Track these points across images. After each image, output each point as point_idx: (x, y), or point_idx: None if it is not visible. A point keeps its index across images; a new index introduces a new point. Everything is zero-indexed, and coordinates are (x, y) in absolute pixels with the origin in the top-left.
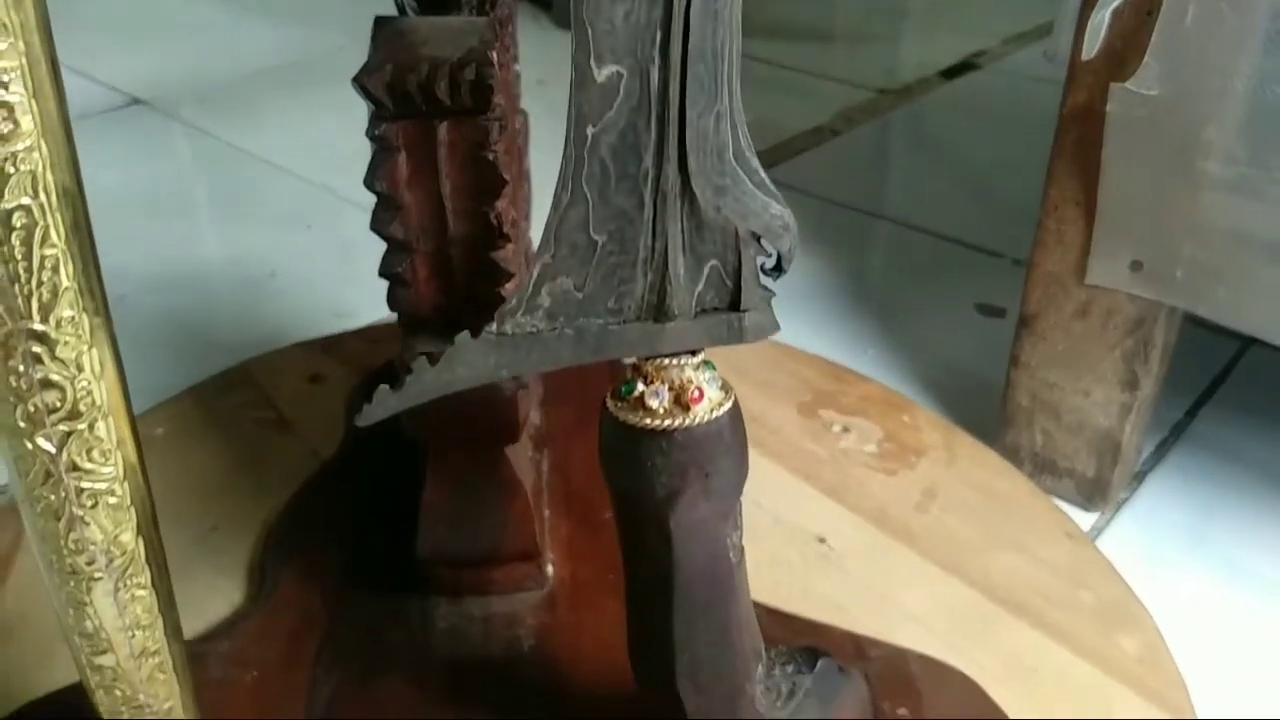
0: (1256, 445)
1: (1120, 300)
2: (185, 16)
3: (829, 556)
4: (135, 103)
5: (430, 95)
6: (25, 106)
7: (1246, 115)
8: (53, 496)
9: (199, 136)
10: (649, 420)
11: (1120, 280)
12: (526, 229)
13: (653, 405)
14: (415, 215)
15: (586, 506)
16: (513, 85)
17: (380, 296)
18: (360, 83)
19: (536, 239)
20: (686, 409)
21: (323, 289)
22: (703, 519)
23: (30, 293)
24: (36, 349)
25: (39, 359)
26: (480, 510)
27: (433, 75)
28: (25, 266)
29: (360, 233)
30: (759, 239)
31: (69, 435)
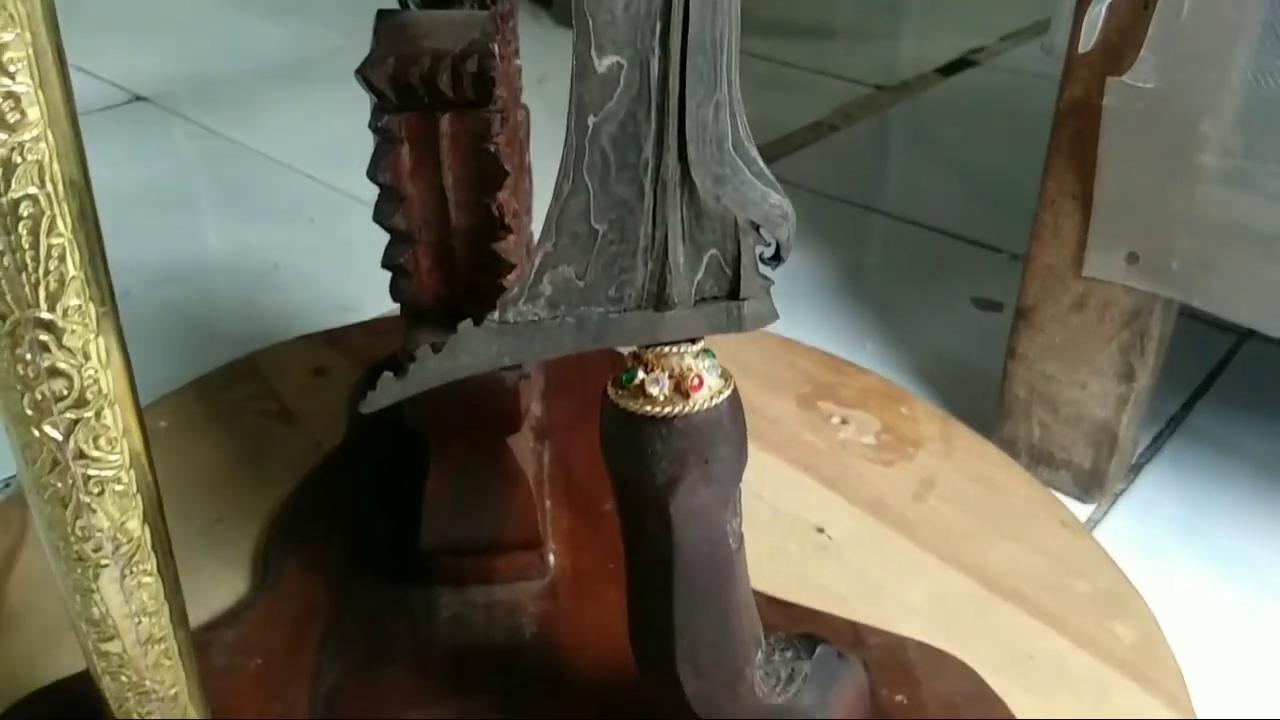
0: (1252, 438)
1: (1116, 292)
2: (187, 14)
3: (827, 547)
4: (137, 99)
5: (432, 87)
6: (32, 97)
7: (1242, 108)
8: (60, 484)
9: (201, 133)
10: (649, 407)
11: (1117, 272)
12: (528, 222)
13: (653, 393)
14: (418, 207)
15: (587, 498)
16: (514, 78)
17: (383, 290)
18: (363, 75)
19: (537, 233)
20: (686, 396)
21: (325, 283)
22: (703, 505)
23: (37, 281)
24: (43, 337)
25: (46, 347)
26: (483, 499)
27: (435, 67)
28: (32, 256)
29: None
30: (758, 228)
31: (76, 423)
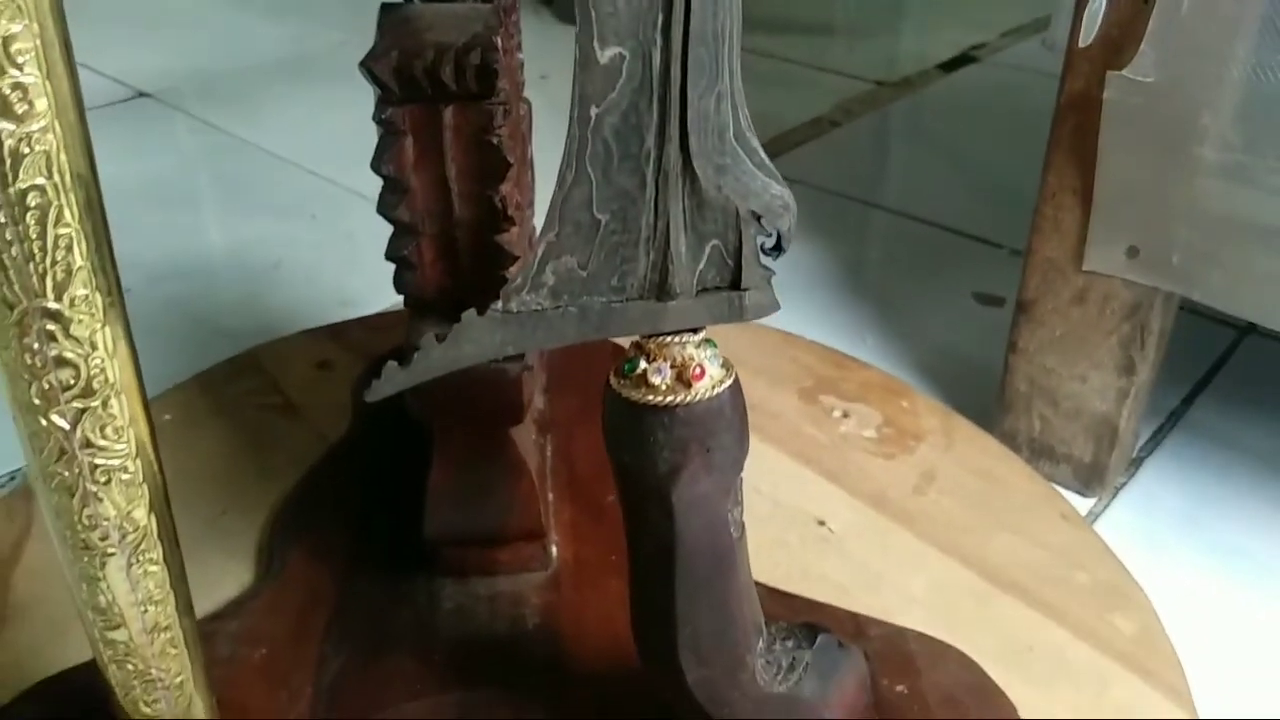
0: (1252, 432)
1: (1117, 286)
2: (190, 11)
3: (828, 539)
4: (140, 96)
5: (436, 80)
6: (40, 88)
7: (1242, 102)
8: (67, 473)
9: (204, 129)
10: (651, 397)
11: (1117, 266)
12: (530, 216)
13: (655, 382)
14: (421, 198)
15: (590, 491)
16: (516, 72)
17: (384, 286)
18: (367, 67)
19: (539, 227)
20: (688, 386)
21: (328, 278)
22: (704, 494)
23: (45, 271)
24: (50, 327)
25: (53, 337)
26: (486, 491)
27: (438, 60)
28: (40, 245)
29: (364, 223)
30: (759, 218)
31: (83, 412)
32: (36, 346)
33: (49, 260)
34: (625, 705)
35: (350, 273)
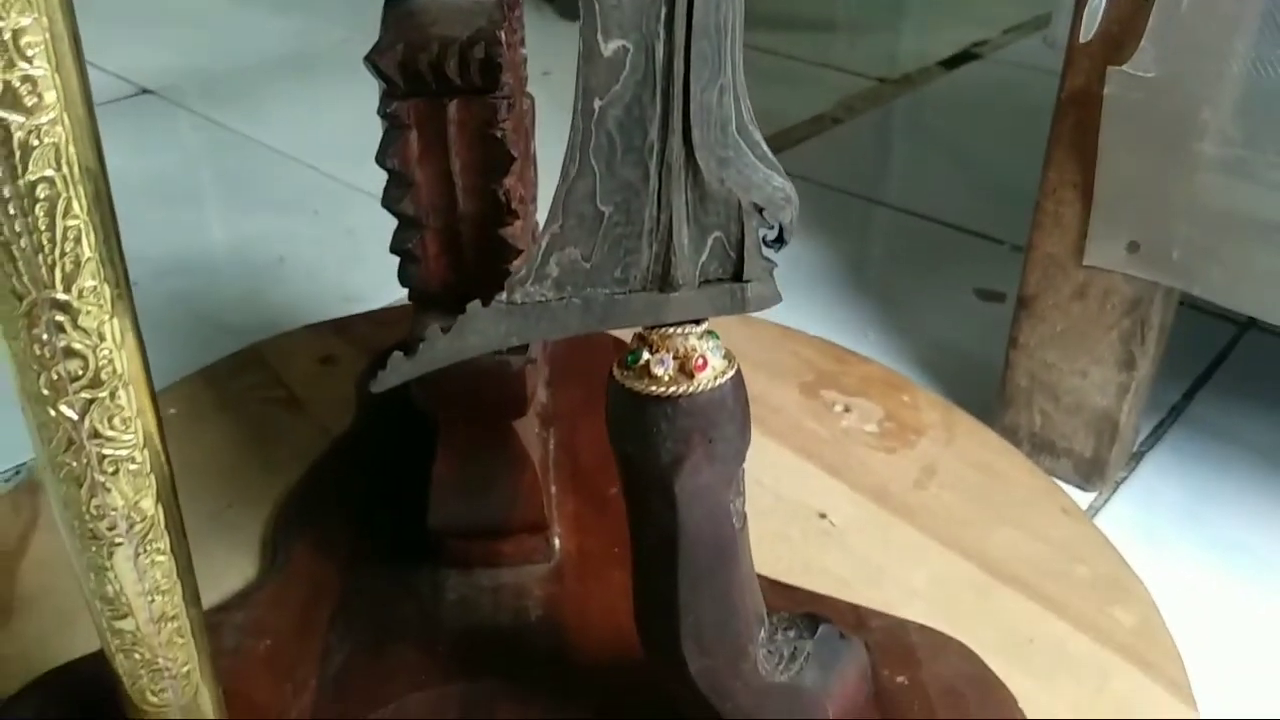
0: (1253, 427)
1: (1117, 281)
2: (192, 8)
3: (830, 532)
4: (144, 92)
5: (440, 73)
6: (49, 81)
7: (1242, 97)
8: (75, 463)
9: (207, 125)
10: (654, 387)
11: (1117, 261)
12: (533, 210)
13: (658, 373)
14: (425, 192)
15: (592, 483)
16: (520, 67)
17: (387, 281)
18: (372, 61)
19: (541, 223)
20: (691, 376)
21: (330, 274)
22: (706, 484)
23: (54, 263)
24: (59, 318)
25: (61, 328)
26: (490, 483)
27: (443, 54)
28: (49, 237)
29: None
30: (761, 211)
31: (91, 403)
32: (45, 337)
33: (58, 252)
34: (628, 696)
35: (353, 268)
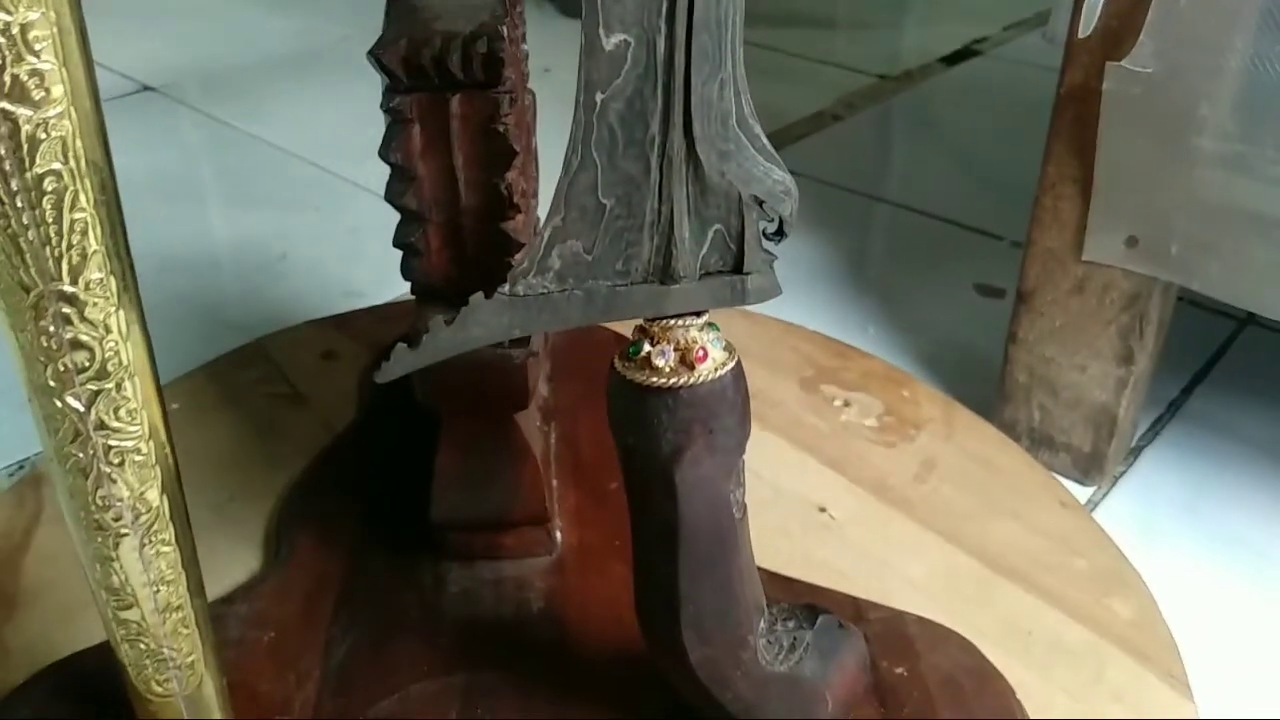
0: (1251, 423)
1: (1116, 276)
2: (194, 5)
3: (830, 525)
4: (146, 89)
5: (443, 68)
6: (56, 75)
7: (1240, 92)
8: (81, 454)
9: (208, 123)
10: (655, 379)
11: (1116, 256)
12: (535, 205)
13: (659, 364)
14: (428, 186)
15: (593, 477)
16: (521, 62)
17: (388, 277)
18: (375, 56)
19: (543, 217)
20: (691, 368)
21: (332, 270)
22: (707, 474)
23: (60, 255)
24: (66, 310)
25: (68, 320)
26: (492, 475)
27: (446, 49)
28: (56, 230)
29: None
30: (761, 204)
31: (97, 394)
32: (52, 329)
33: (64, 244)
34: (629, 688)
35: (354, 264)
